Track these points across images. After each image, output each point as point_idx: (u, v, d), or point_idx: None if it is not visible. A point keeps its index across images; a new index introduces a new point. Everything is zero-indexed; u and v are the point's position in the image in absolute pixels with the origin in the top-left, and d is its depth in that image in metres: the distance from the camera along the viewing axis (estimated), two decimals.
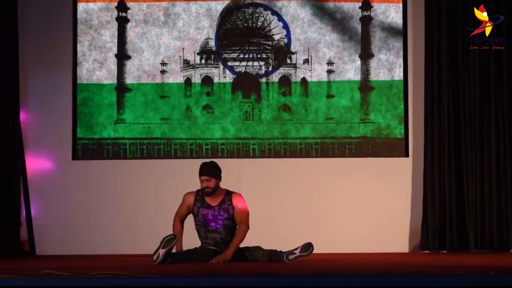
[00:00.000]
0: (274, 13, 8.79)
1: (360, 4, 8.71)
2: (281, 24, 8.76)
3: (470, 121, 8.39)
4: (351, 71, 8.71)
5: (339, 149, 8.67)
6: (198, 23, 8.80)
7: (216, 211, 6.64)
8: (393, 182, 8.55)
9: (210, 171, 6.63)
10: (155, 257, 6.13)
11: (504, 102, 8.38)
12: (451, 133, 8.40)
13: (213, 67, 8.81)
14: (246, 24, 8.81)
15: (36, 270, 5.33)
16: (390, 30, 8.70)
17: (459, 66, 8.44)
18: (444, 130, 8.41)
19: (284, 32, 8.74)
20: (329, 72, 8.72)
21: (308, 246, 6.48)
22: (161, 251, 6.11)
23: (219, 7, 8.81)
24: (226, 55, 8.80)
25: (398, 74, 8.67)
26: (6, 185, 8.54)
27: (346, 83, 8.72)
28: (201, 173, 6.65)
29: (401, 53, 8.68)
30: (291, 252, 6.46)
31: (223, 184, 6.70)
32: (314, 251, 6.44)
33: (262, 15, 8.80)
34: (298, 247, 6.47)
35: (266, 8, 8.79)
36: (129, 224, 8.37)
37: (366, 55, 8.71)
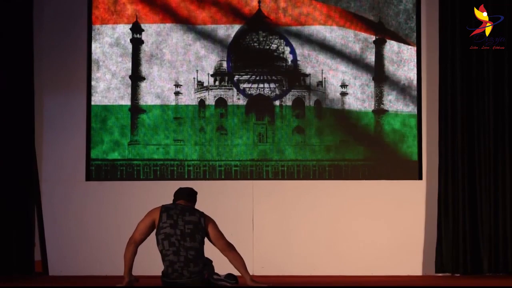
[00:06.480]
0: (282, 37, 8.82)
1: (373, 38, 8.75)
2: (289, 49, 8.79)
3: (484, 143, 8.35)
4: (364, 93, 8.71)
5: (353, 172, 8.65)
6: (212, 45, 8.82)
7: None
8: (407, 205, 8.52)
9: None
10: None
11: None
12: (465, 156, 8.36)
13: (227, 89, 8.83)
14: (259, 47, 8.84)
15: None
16: (402, 52, 8.72)
17: (473, 90, 8.42)
18: (458, 153, 8.37)
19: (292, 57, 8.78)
20: (343, 94, 8.73)
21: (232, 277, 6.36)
22: None
23: (233, 29, 8.84)
24: (239, 77, 8.83)
25: (412, 97, 8.66)
26: (20, 205, 8.56)
27: (360, 105, 8.72)
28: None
29: (415, 74, 8.68)
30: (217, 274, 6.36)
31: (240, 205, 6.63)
32: (328, 273, 6.42)
33: (275, 37, 8.83)
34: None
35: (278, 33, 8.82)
36: (142, 246, 8.35)
37: (379, 78, 8.72)
